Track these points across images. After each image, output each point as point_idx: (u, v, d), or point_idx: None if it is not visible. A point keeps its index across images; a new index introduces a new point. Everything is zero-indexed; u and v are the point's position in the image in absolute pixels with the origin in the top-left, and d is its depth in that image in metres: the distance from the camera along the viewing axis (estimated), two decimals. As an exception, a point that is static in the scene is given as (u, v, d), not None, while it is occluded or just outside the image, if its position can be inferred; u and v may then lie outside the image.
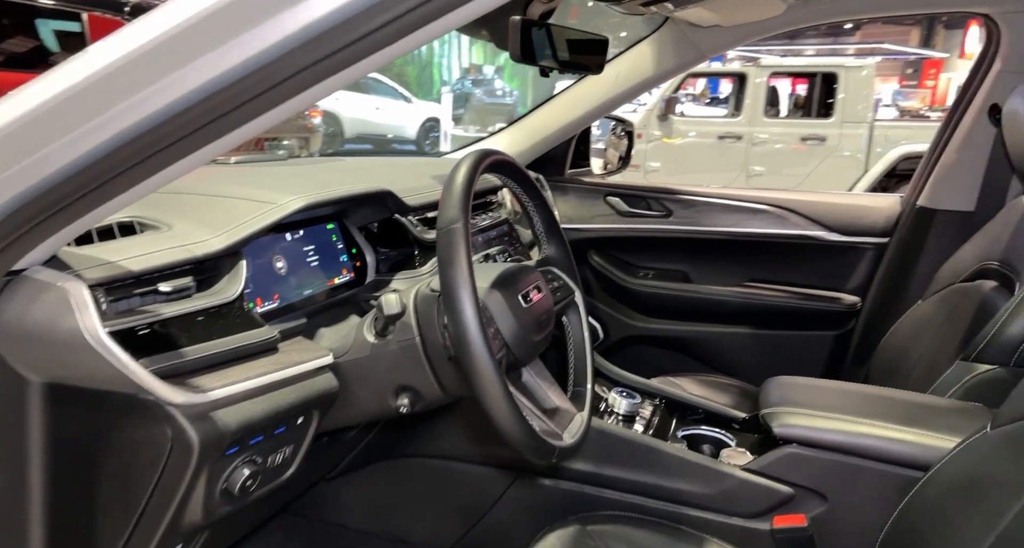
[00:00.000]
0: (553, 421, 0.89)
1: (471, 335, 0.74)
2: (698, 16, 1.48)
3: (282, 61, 0.55)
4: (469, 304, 0.75)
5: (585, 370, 1.02)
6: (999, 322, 1.14)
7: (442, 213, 0.80)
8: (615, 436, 1.19)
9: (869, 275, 1.78)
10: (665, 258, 1.93)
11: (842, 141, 5.88)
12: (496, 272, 0.91)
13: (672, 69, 1.70)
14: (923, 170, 1.71)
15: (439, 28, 0.55)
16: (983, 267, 1.37)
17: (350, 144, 9.10)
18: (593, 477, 1.18)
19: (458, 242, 0.78)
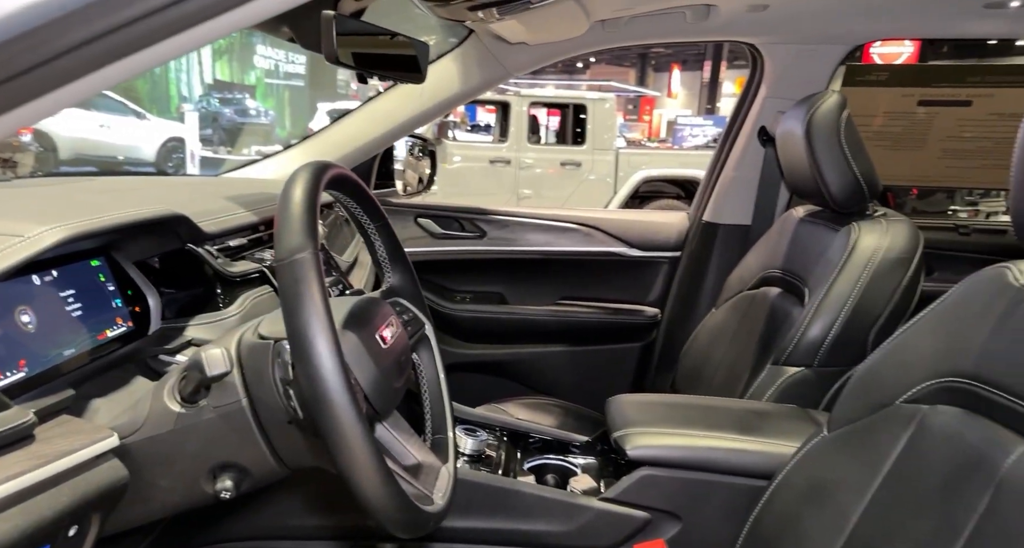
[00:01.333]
0: (419, 480, 0.74)
1: (334, 390, 0.57)
2: (506, 31, 1.44)
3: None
4: (329, 351, 0.58)
5: (443, 413, 0.89)
6: (801, 328, 1.25)
7: (283, 241, 0.62)
8: (468, 483, 1.06)
9: (666, 287, 1.90)
10: (481, 280, 1.86)
11: (594, 166, 6.51)
12: (345, 309, 0.74)
13: (478, 86, 1.65)
14: (704, 188, 1.89)
15: (221, 27, 0.40)
16: (766, 275, 1.52)
17: (68, 167, 7.63)
18: (447, 533, 1.04)
19: (309, 274, 0.60)
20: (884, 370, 0.90)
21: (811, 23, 1.47)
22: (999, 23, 1.36)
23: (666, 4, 1.41)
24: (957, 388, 0.78)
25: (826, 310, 1.23)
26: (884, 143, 1.68)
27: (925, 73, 1.59)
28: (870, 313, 1.20)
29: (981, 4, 1.30)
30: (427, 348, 0.91)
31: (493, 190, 6.39)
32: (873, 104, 1.66)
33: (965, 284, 0.85)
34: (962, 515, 0.69)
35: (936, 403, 0.80)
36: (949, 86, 1.57)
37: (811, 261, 1.36)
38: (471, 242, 1.81)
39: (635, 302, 1.93)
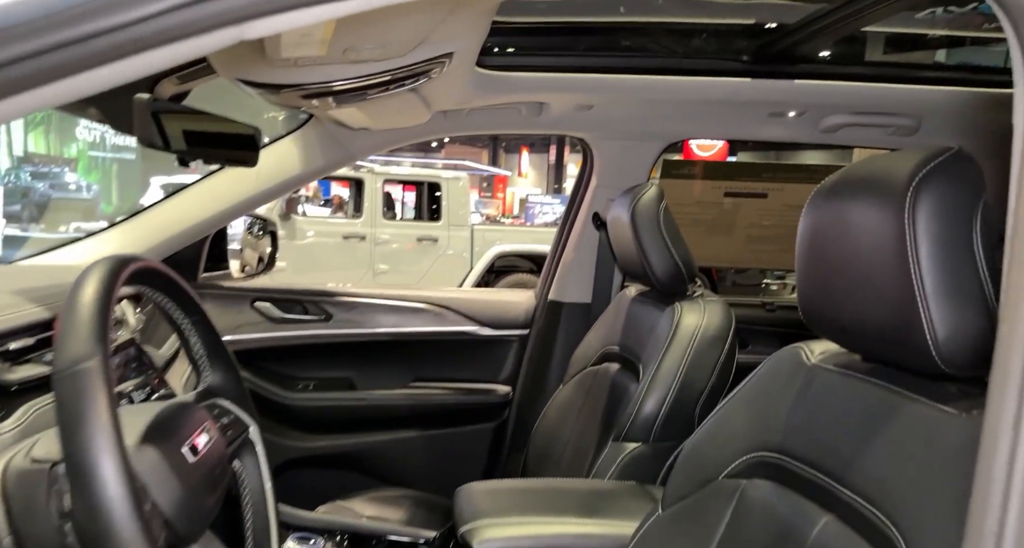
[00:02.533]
0: None
1: (119, 524, 0.50)
2: (346, 118, 1.45)
3: None
4: (114, 476, 0.51)
5: (268, 528, 0.81)
6: (636, 404, 1.31)
7: (64, 347, 0.55)
8: None
9: (517, 365, 1.93)
10: (328, 366, 1.77)
11: (450, 241, 6.61)
12: (146, 420, 0.66)
13: (321, 168, 1.63)
14: (548, 268, 1.97)
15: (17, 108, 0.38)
16: (606, 351, 1.60)
17: None
18: None
19: (93, 387, 0.53)
20: (707, 447, 0.96)
21: (631, 123, 1.64)
22: (781, 129, 1.60)
23: (502, 100, 1.50)
24: (769, 462, 0.84)
25: (657, 386, 1.30)
26: (699, 229, 1.88)
27: (729, 169, 1.82)
28: (695, 388, 1.29)
29: (766, 114, 1.52)
30: (251, 453, 0.83)
31: (348, 266, 6.25)
32: (688, 194, 1.86)
33: (768, 363, 0.94)
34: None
35: (753, 477, 0.86)
36: (749, 180, 1.81)
37: (643, 338, 1.45)
38: (316, 325, 1.73)
39: (487, 381, 1.93)
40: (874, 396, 0.74)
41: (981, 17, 1.38)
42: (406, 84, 1.06)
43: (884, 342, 0.70)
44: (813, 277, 0.80)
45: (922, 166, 0.64)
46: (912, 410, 0.68)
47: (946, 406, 0.65)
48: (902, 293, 0.65)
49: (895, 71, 1.39)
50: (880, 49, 1.48)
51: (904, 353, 0.68)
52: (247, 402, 0.87)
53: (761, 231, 1.85)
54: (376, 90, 1.04)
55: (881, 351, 0.72)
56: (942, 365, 0.63)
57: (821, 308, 0.79)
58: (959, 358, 0.62)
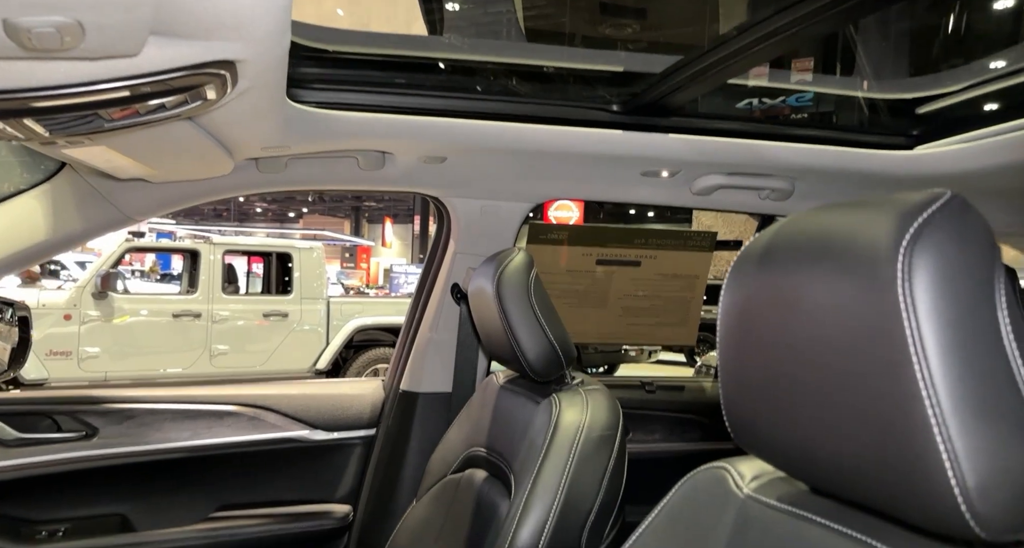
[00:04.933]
0: None
1: None
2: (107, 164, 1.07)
3: None
4: None
5: None
6: (508, 537, 1.01)
7: None
8: None
9: (360, 477, 1.55)
10: (89, 500, 1.29)
11: (303, 316, 6.05)
12: None
13: (80, 232, 1.21)
14: (400, 352, 1.65)
15: None
16: (470, 454, 1.29)
17: None
18: None
19: None
20: None
21: (492, 180, 1.41)
22: (654, 190, 1.44)
23: (331, 147, 1.21)
24: None
25: (534, 509, 1.01)
26: (571, 301, 1.67)
27: (601, 234, 1.64)
28: (581, 508, 1.01)
29: (639, 172, 1.36)
30: None
31: (179, 348, 5.47)
32: (557, 262, 1.65)
33: (684, 488, 0.68)
34: None
35: None
36: (620, 246, 1.64)
37: (515, 439, 1.16)
38: (71, 446, 1.26)
39: (321, 501, 1.52)
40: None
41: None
42: (167, 108, 0.74)
43: (866, 478, 0.46)
44: (744, 374, 0.56)
45: (911, 217, 0.43)
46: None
47: None
48: (902, 410, 0.42)
49: (767, 128, 1.29)
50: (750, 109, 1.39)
51: (900, 498, 0.44)
52: None
53: (636, 302, 1.67)
54: (115, 111, 0.71)
55: (853, 486, 0.48)
56: (975, 525, 0.39)
57: (756, 419, 0.55)
58: (1004, 515, 0.39)
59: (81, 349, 5.04)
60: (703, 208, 1.51)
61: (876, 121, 1.35)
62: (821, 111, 1.35)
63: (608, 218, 9.39)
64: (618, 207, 12.61)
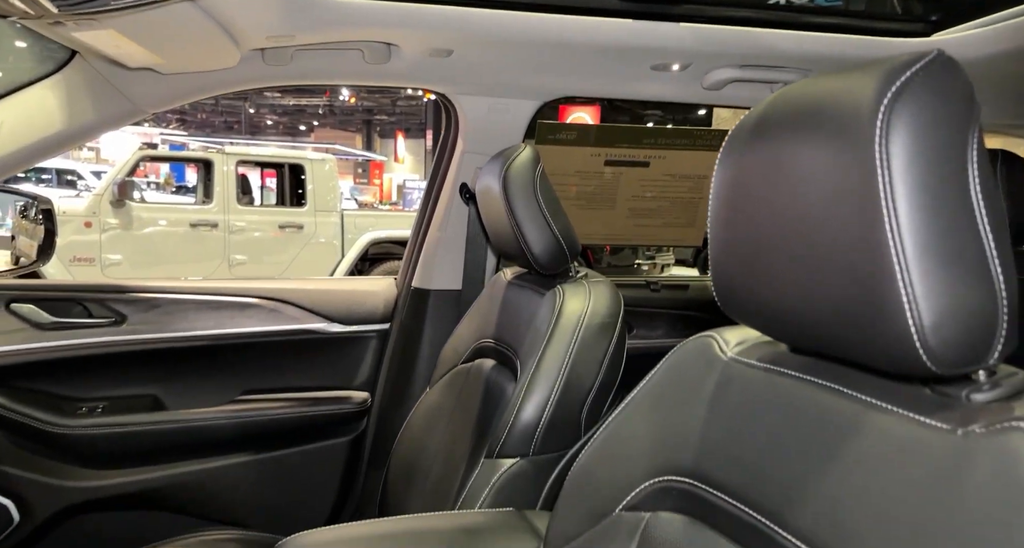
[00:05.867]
0: None
1: None
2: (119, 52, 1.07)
3: None
4: None
5: None
6: (513, 412, 1.09)
7: None
8: None
9: (376, 366, 1.64)
10: (122, 382, 1.38)
11: (318, 228, 6.11)
12: None
13: (93, 124, 1.23)
14: (411, 252, 1.69)
15: None
16: (479, 346, 1.36)
17: None
18: None
19: None
20: (600, 469, 0.74)
21: (500, 75, 1.39)
22: (664, 86, 1.42)
23: (336, 37, 1.19)
24: (679, 490, 0.63)
25: (538, 388, 1.08)
26: (579, 202, 1.68)
27: (609, 133, 1.63)
28: (581, 387, 1.07)
29: (649, 66, 1.33)
30: None
31: (199, 257, 5.58)
32: (566, 163, 1.65)
33: (672, 358, 0.73)
34: None
35: (658, 509, 0.65)
36: (630, 147, 1.63)
37: (521, 329, 1.22)
38: (103, 331, 1.33)
39: (340, 387, 1.62)
40: (818, 402, 0.54)
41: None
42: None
43: (835, 327, 0.50)
44: (733, 243, 0.58)
45: (893, 78, 0.44)
46: (876, 422, 0.48)
47: (928, 418, 0.46)
48: (870, 258, 0.44)
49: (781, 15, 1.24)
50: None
51: (866, 342, 0.47)
52: None
53: (643, 203, 1.68)
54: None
55: (827, 339, 0.52)
56: (926, 358, 0.43)
57: (743, 285, 0.58)
58: (953, 349, 0.43)
59: (104, 256, 5.16)
60: (714, 104, 1.49)
61: (892, 7, 1.30)
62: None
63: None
64: (635, 121, 12.29)
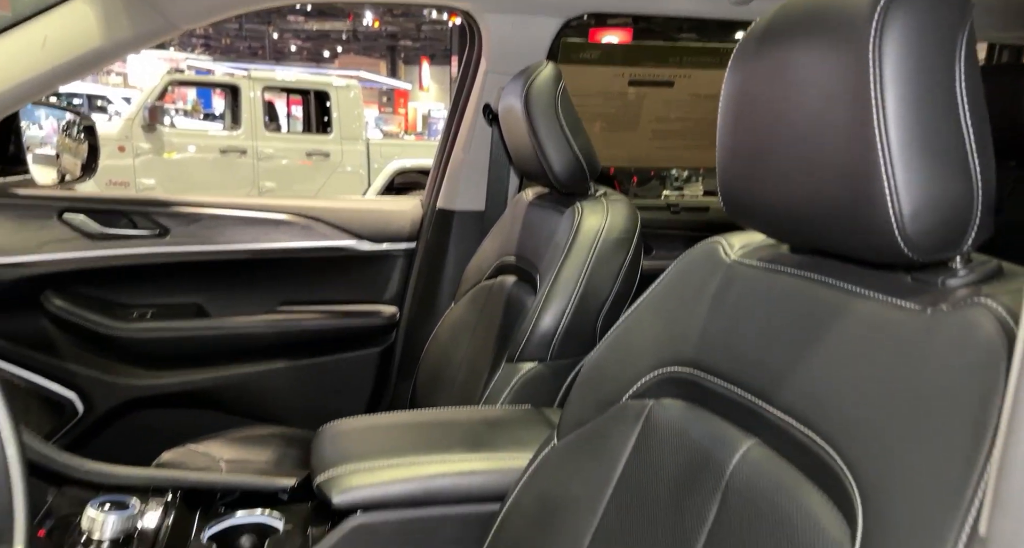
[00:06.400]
0: None
1: None
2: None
3: None
4: None
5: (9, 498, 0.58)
6: (532, 320, 1.16)
7: None
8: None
9: (404, 283, 1.72)
10: (168, 290, 1.48)
11: (344, 157, 6.15)
12: None
13: (130, 39, 1.26)
14: (435, 173, 1.73)
15: None
16: (501, 263, 1.42)
17: None
18: None
19: None
20: (609, 363, 0.81)
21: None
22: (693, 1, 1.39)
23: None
24: (681, 379, 0.69)
25: (556, 298, 1.14)
26: (602, 124, 1.69)
27: (633, 52, 1.61)
28: (597, 298, 1.13)
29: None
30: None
31: (228, 184, 5.69)
32: (590, 84, 1.64)
33: (680, 262, 0.78)
34: (692, 527, 0.59)
35: (661, 396, 0.71)
36: (654, 66, 1.62)
37: (541, 246, 1.28)
38: (149, 242, 1.42)
39: (371, 302, 1.71)
40: (809, 294, 0.59)
41: None
42: None
43: (829, 225, 0.54)
44: (738, 148, 0.62)
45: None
46: (857, 308, 0.53)
47: (902, 301, 0.51)
48: (860, 155, 0.48)
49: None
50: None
51: (854, 235, 0.52)
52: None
53: (667, 125, 1.68)
54: None
55: (823, 236, 0.56)
56: (904, 246, 0.47)
57: (747, 189, 0.62)
58: (929, 236, 0.47)
59: (138, 180, 5.29)
60: (742, 19, 1.46)
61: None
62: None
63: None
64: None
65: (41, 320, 1.36)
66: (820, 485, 0.50)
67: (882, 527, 0.43)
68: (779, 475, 0.54)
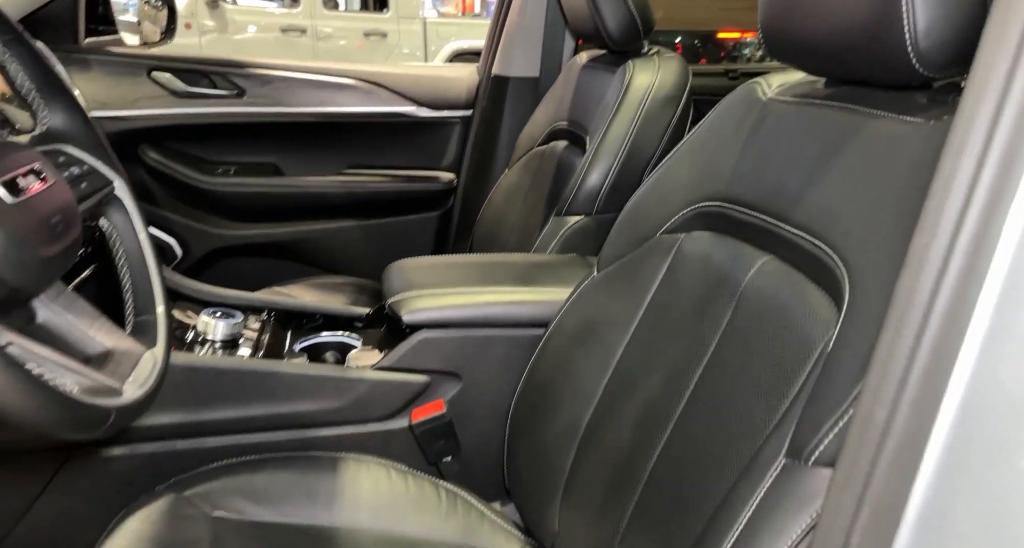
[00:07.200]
0: (104, 371, 0.59)
1: None
2: None
3: None
4: None
5: (150, 289, 0.72)
6: (580, 177, 1.22)
7: None
8: (210, 369, 0.91)
9: (461, 150, 1.79)
10: (247, 148, 1.61)
11: (401, 37, 6.04)
12: None
13: None
14: (491, 39, 1.75)
15: None
16: (554, 129, 1.47)
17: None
18: (186, 428, 0.90)
19: None
20: (647, 204, 0.89)
21: None
22: None
23: None
24: (711, 212, 0.77)
25: (603, 156, 1.20)
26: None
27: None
28: (643, 154, 1.19)
29: None
30: (120, 211, 0.72)
31: (289, 64, 5.72)
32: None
33: (720, 105, 0.83)
34: (709, 333, 0.69)
35: (692, 230, 0.79)
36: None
37: (592, 107, 1.31)
38: (227, 102, 1.53)
39: (429, 168, 1.80)
40: (833, 120, 0.64)
41: None
42: None
43: (854, 50, 0.58)
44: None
45: None
46: (873, 127, 0.59)
47: (912, 117, 0.56)
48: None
49: None
50: None
51: (875, 59, 0.56)
52: (105, 152, 0.73)
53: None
54: None
55: (849, 63, 0.60)
56: (918, 64, 0.52)
57: (784, 23, 0.66)
58: (939, 54, 0.51)
59: (205, 60, 5.39)
60: None
61: None
62: None
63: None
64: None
65: (140, 172, 1.51)
66: (818, 282, 0.58)
67: (862, 303, 0.51)
68: (786, 280, 0.62)
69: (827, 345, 0.52)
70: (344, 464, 0.87)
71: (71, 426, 0.49)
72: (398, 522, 0.83)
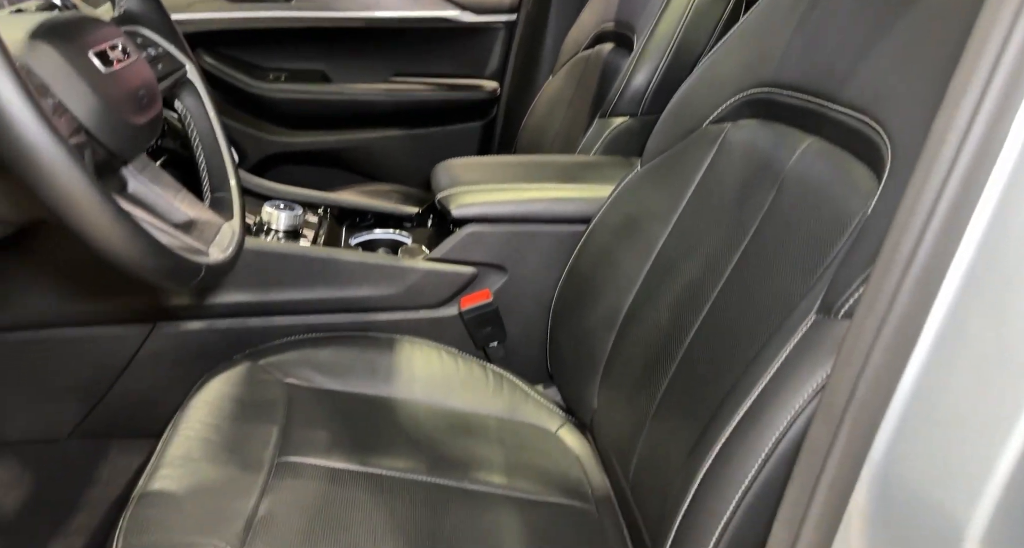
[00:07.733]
0: (191, 235, 0.65)
1: (10, 107, 0.44)
2: None
3: None
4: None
5: (224, 167, 0.77)
6: (625, 77, 1.21)
7: None
8: (277, 254, 0.97)
9: (504, 58, 1.78)
10: (296, 55, 1.63)
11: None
12: (34, 20, 0.57)
13: None
14: (538, -62, 1.69)
15: None
16: (600, 31, 1.43)
17: None
18: (257, 307, 0.98)
19: None
20: (694, 95, 0.89)
21: None
22: None
23: None
24: (758, 99, 0.77)
25: (650, 55, 1.18)
26: None
27: None
28: (691, 54, 1.17)
29: None
30: (192, 94, 0.76)
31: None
32: None
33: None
34: (749, 218, 0.71)
35: (739, 118, 0.80)
36: None
37: (640, 5, 1.28)
38: (276, 6, 1.54)
39: (473, 76, 1.80)
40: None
41: None
42: None
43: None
44: None
45: None
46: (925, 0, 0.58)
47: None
48: None
49: None
50: None
51: None
52: (178, 38, 0.77)
53: None
54: None
55: None
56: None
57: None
58: None
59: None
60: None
61: None
62: None
63: None
64: None
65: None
66: (861, 158, 0.59)
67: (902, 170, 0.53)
68: (829, 159, 0.63)
69: (865, 213, 0.54)
70: (400, 344, 0.94)
71: (168, 275, 0.55)
72: (449, 397, 0.90)
